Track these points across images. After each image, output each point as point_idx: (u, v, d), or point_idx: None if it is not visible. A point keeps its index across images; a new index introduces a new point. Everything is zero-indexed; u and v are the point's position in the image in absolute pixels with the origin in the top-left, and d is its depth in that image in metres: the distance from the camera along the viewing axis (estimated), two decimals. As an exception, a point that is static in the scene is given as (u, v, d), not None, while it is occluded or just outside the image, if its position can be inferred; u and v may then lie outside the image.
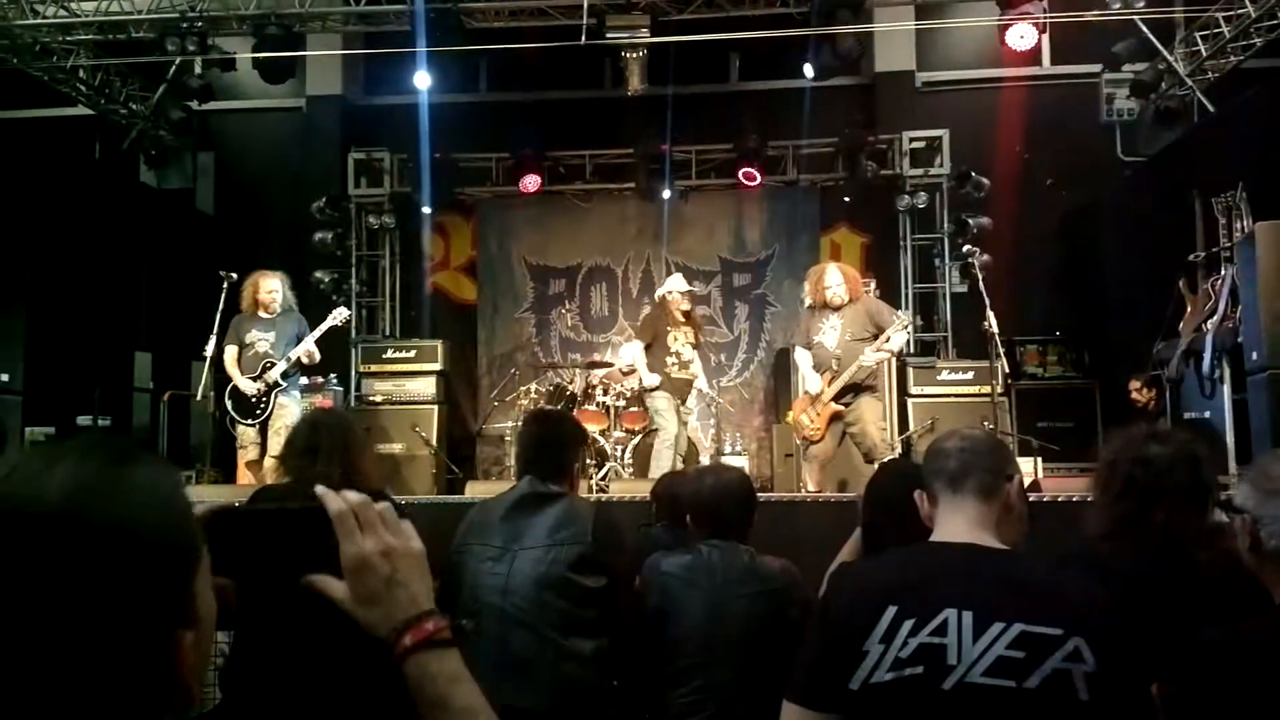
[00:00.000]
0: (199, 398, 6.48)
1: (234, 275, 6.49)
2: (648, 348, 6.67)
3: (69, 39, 8.16)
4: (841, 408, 5.85)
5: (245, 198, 9.35)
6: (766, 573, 2.74)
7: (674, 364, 6.57)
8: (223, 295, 6.40)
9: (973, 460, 1.79)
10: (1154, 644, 1.70)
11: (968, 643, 1.56)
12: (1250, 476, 1.77)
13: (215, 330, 6.37)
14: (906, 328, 5.97)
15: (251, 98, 9.26)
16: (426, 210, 8.95)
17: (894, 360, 7.33)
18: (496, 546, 2.69)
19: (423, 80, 7.88)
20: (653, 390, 6.58)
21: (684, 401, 6.70)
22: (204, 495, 4.98)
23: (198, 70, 8.76)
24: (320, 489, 0.97)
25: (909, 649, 1.57)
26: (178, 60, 8.36)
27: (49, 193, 9.03)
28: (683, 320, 6.67)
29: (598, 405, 7.48)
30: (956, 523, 1.75)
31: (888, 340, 5.78)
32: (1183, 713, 1.64)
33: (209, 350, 6.32)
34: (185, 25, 7.75)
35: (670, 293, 6.77)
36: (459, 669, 0.95)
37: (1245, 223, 6.82)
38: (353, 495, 0.96)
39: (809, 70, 7.61)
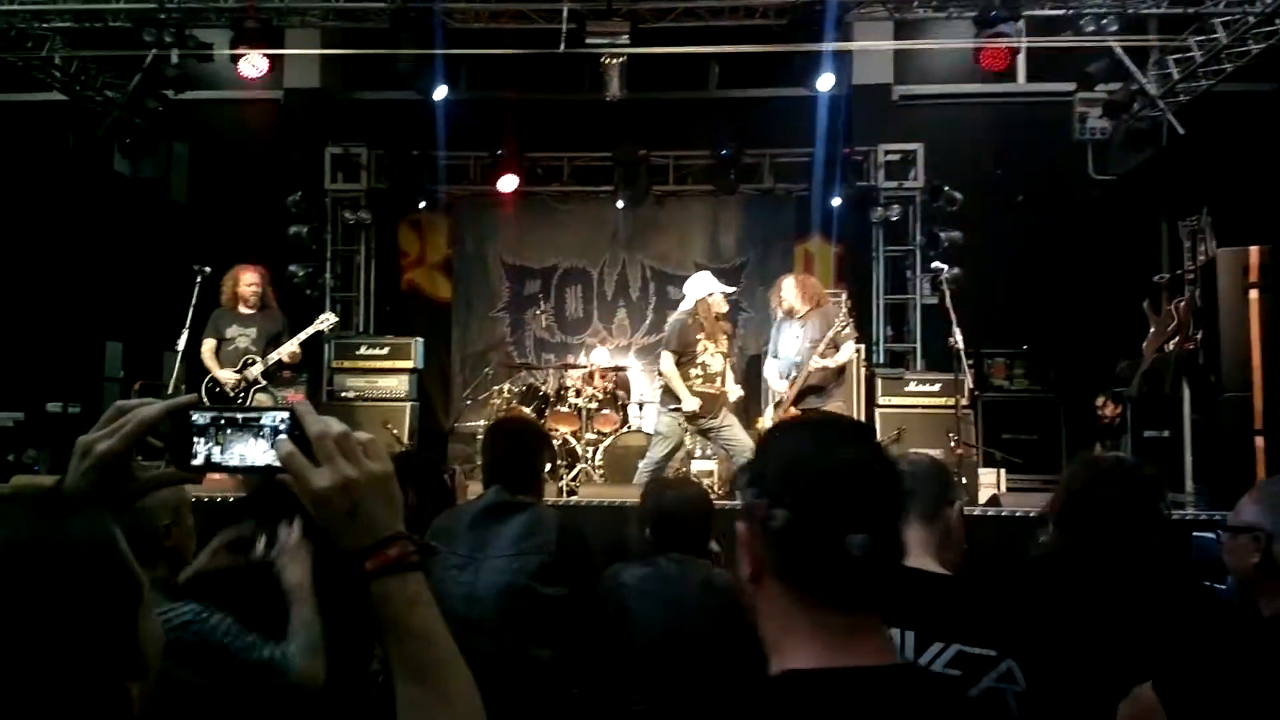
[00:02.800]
0: (170, 390, 6.49)
1: (207, 269, 6.50)
2: (677, 360, 5.99)
3: (45, 26, 8.11)
4: (800, 413, 5.97)
5: (220, 189, 9.32)
6: (723, 585, 2.77)
7: (699, 377, 5.97)
8: (196, 288, 6.40)
9: (918, 485, 1.88)
10: (1098, 662, 1.83)
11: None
12: (1265, 499, 1.88)
13: (189, 324, 6.36)
14: (849, 330, 6.06)
15: (229, 88, 9.24)
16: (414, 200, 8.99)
17: (862, 370, 7.50)
18: (462, 555, 2.77)
19: (440, 93, 7.89)
20: (674, 409, 5.97)
21: (713, 416, 5.99)
22: (199, 491, 5.02)
23: (174, 59, 8.74)
24: (302, 406, 1.01)
25: None
26: (154, 49, 8.34)
27: (21, 178, 9.04)
28: (716, 328, 6.07)
29: (570, 407, 7.58)
30: None
31: (837, 350, 5.92)
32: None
33: (182, 343, 6.33)
34: (163, 16, 7.74)
35: (711, 294, 6.05)
36: (419, 592, 0.97)
37: (1209, 246, 7.05)
38: (335, 424, 0.98)
39: (825, 82, 7.58)
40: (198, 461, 1.07)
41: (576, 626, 2.78)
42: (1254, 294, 6.01)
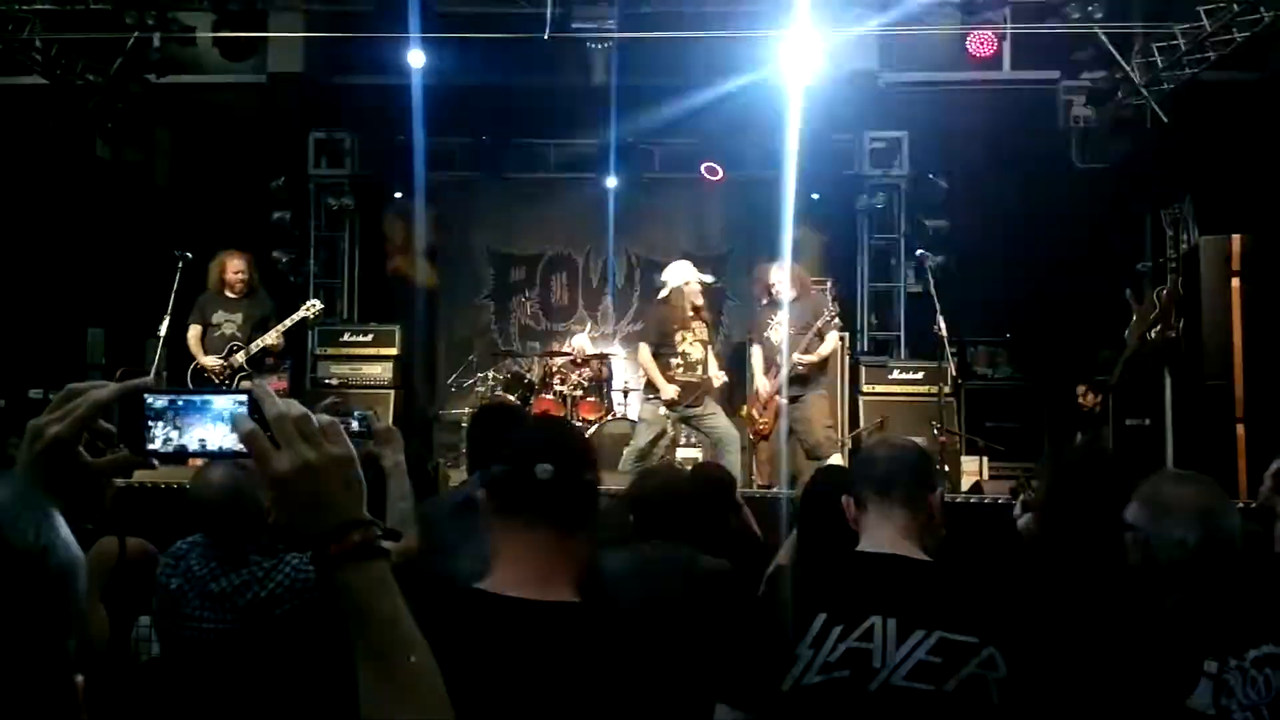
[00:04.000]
0: (152, 377, 6.46)
1: (189, 254, 6.51)
2: (655, 349, 6.08)
3: (24, 8, 8.07)
4: (785, 401, 6.03)
5: (203, 174, 9.35)
6: (707, 570, 2.81)
7: (680, 366, 6.03)
8: (177, 274, 6.40)
9: (900, 470, 1.92)
10: (1075, 648, 1.88)
11: (891, 648, 1.70)
12: (1141, 497, 1.94)
13: (170, 310, 6.37)
14: (834, 320, 6.16)
15: (212, 72, 9.21)
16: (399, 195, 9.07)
17: (846, 358, 7.56)
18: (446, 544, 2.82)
19: (416, 59, 7.90)
20: (652, 398, 6.09)
21: (696, 404, 6.07)
22: (156, 477, 4.97)
23: (156, 43, 8.72)
24: (257, 386, 1.00)
25: (837, 653, 1.71)
26: (136, 33, 8.32)
27: (2, 163, 8.99)
28: (693, 315, 6.15)
29: (555, 395, 7.66)
30: (883, 531, 1.88)
31: (822, 340, 6.01)
32: (1084, 709, 1.82)
33: (163, 330, 6.35)
34: None
35: (687, 283, 6.13)
36: (382, 577, 0.96)
37: (1192, 234, 7.11)
38: (295, 406, 0.97)
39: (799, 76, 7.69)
40: (154, 446, 1.05)
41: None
42: (1235, 282, 6.09)
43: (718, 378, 6.21)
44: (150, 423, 1.05)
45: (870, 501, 1.91)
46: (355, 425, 2.34)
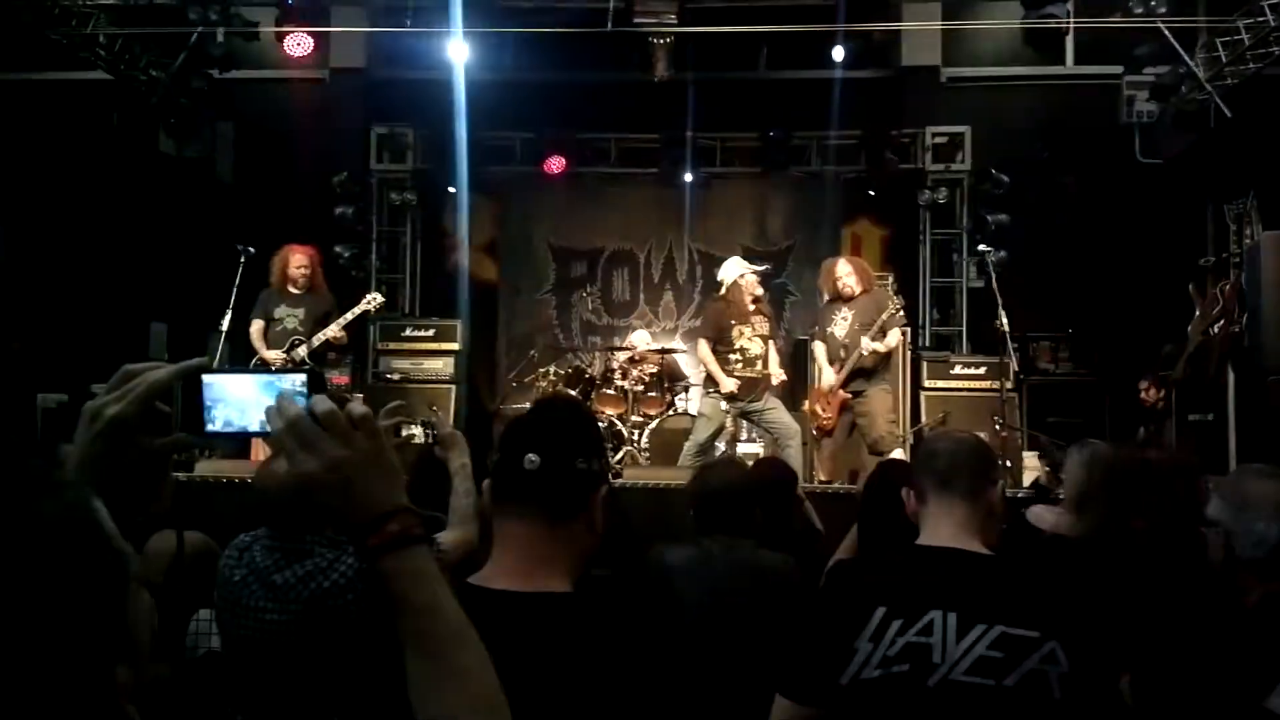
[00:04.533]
0: (211, 360, 6.83)
1: (251, 249, 6.73)
2: (713, 346, 6.36)
3: (88, 3, 8.35)
4: (849, 396, 6.29)
5: (266, 169, 9.67)
6: (769, 566, 2.83)
7: (738, 361, 6.29)
8: (240, 269, 6.63)
9: (962, 463, 1.96)
10: (1126, 643, 1.95)
11: (951, 643, 1.73)
12: (1223, 492, 2.04)
13: (232, 304, 6.57)
14: (899, 315, 6.39)
15: (274, 67, 9.59)
16: (453, 190, 9.34)
17: (908, 353, 7.86)
18: None
19: (459, 51, 8.21)
20: (711, 392, 6.35)
21: (755, 399, 6.30)
22: (219, 470, 5.28)
23: (220, 38, 9.04)
24: (317, 399, 1.01)
25: (896, 647, 1.75)
26: (199, 28, 8.57)
27: (66, 158, 9.36)
28: (752, 310, 6.37)
29: (616, 389, 7.87)
30: (944, 524, 1.92)
31: (884, 335, 6.24)
32: (1149, 705, 1.91)
33: (226, 324, 6.58)
34: None
35: (743, 276, 6.38)
36: (423, 566, 0.98)
37: (1255, 229, 7.36)
38: (322, 403, 1.00)
39: (838, 54, 8.03)
40: (213, 427, 1.07)
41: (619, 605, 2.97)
42: None
43: (777, 375, 6.42)
44: (209, 403, 1.06)
45: (931, 494, 1.95)
46: (418, 431, 2.72)
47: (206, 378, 1.05)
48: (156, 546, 2.68)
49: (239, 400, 1.06)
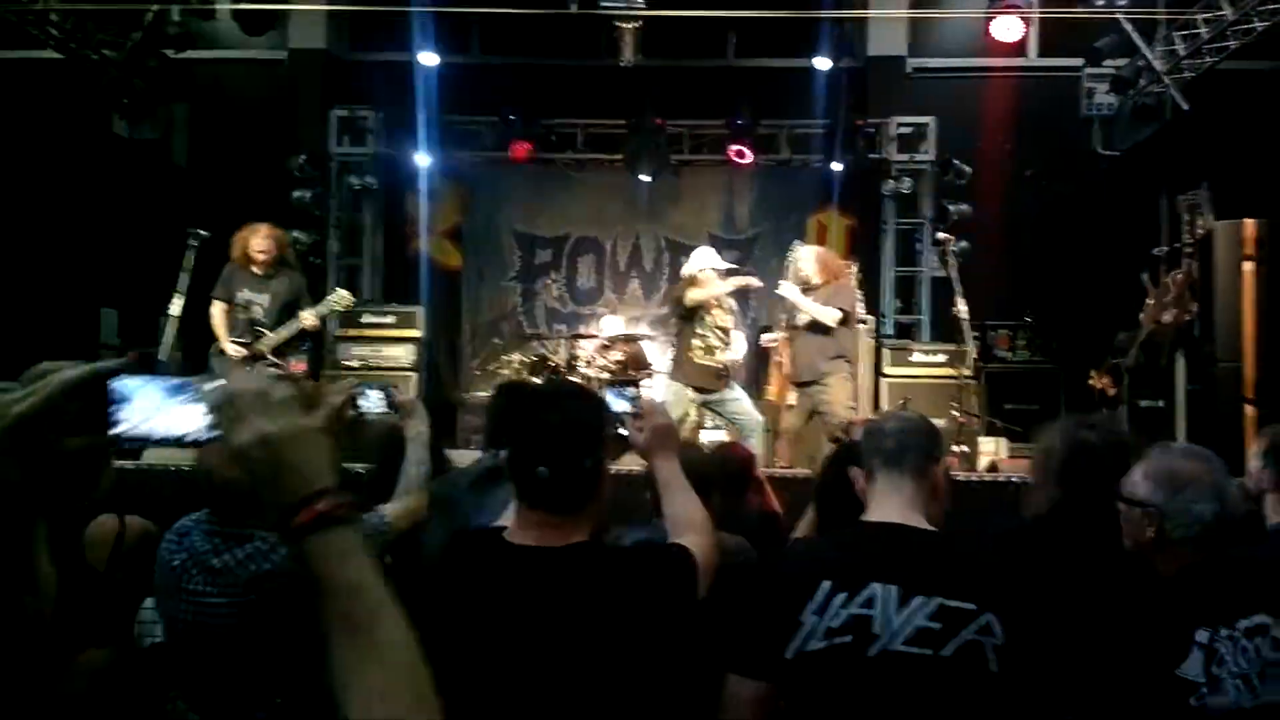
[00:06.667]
0: (163, 358, 6.81)
1: (203, 232, 6.80)
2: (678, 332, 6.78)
3: None
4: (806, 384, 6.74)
5: (221, 151, 9.92)
6: (722, 549, 3.08)
7: (700, 349, 6.66)
8: (192, 254, 6.73)
9: (909, 441, 2.14)
10: (1074, 620, 2.10)
11: (892, 614, 1.90)
12: (1151, 474, 2.15)
13: (185, 290, 6.68)
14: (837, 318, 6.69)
15: (231, 48, 9.81)
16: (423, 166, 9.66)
17: (870, 341, 8.40)
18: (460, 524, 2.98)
19: (429, 59, 8.71)
20: (676, 378, 6.76)
21: (717, 389, 6.71)
22: (169, 458, 5.34)
23: (176, 17, 9.25)
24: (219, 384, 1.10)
25: (840, 619, 1.91)
26: (155, 6, 8.74)
27: (16, 139, 9.48)
28: (715, 302, 6.72)
29: (581, 378, 8.17)
30: (890, 501, 2.10)
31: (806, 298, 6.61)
32: (1078, 676, 2.05)
33: (174, 309, 6.69)
34: None
35: (703, 270, 6.77)
36: (349, 545, 1.02)
37: (1208, 220, 7.95)
38: (257, 380, 1.08)
39: (822, 63, 8.57)
40: (119, 430, 1.10)
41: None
42: (1248, 266, 6.73)
43: (732, 354, 6.83)
44: (118, 405, 1.10)
45: (879, 472, 2.13)
46: (375, 400, 2.82)
47: (119, 378, 1.10)
48: (96, 532, 2.79)
49: (146, 405, 1.12)
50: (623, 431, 2.33)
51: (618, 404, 2.35)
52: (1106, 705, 2.03)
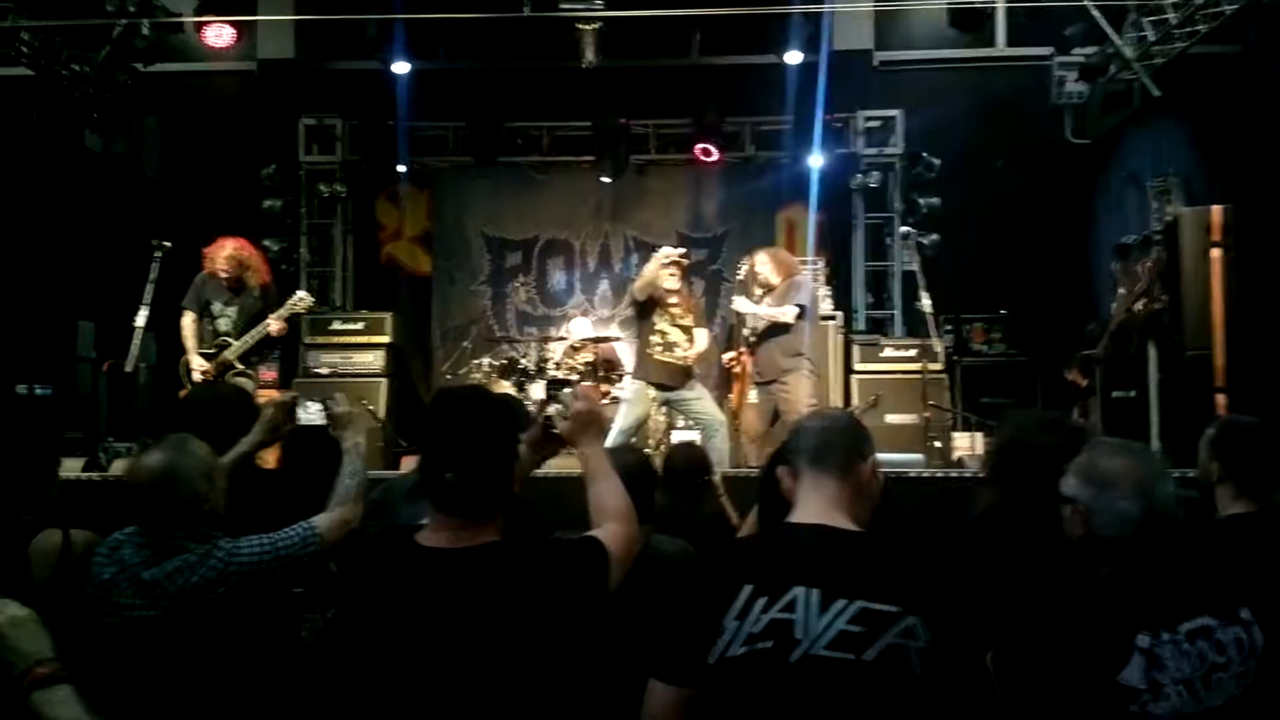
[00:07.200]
0: (129, 369, 6.93)
1: (167, 243, 6.88)
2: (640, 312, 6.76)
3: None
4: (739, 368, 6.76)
5: (192, 163, 10.04)
6: (661, 552, 2.97)
7: (659, 346, 6.67)
8: (156, 265, 6.81)
9: (832, 440, 2.12)
10: (992, 619, 2.10)
11: (813, 618, 1.87)
12: (1080, 470, 2.14)
13: (149, 300, 6.74)
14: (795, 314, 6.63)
15: (200, 60, 9.95)
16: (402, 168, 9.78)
17: (839, 337, 8.37)
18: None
19: (401, 67, 8.91)
20: (638, 377, 6.75)
21: (678, 387, 6.72)
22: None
23: (145, 30, 9.37)
24: None
25: (761, 624, 1.88)
26: (123, 20, 8.80)
27: None
28: (670, 298, 6.68)
29: (549, 380, 8.29)
30: (814, 501, 2.07)
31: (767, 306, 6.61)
32: (1008, 680, 2.04)
33: (140, 320, 6.77)
34: None
35: (652, 259, 6.69)
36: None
37: (1177, 207, 7.89)
38: None
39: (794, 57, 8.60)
40: None
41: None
42: (1215, 253, 6.65)
43: (699, 354, 6.82)
44: None
45: (803, 472, 2.10)
46: (314, 411, 2.98)
47: None
48: (41, 545, 2.83)
49: None
50: (554, 430, 2.42)
51: (551, 408, 2.43)
52: (1045, 712, 1.99)
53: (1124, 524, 2.03)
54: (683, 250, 6.81)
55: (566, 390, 2.42)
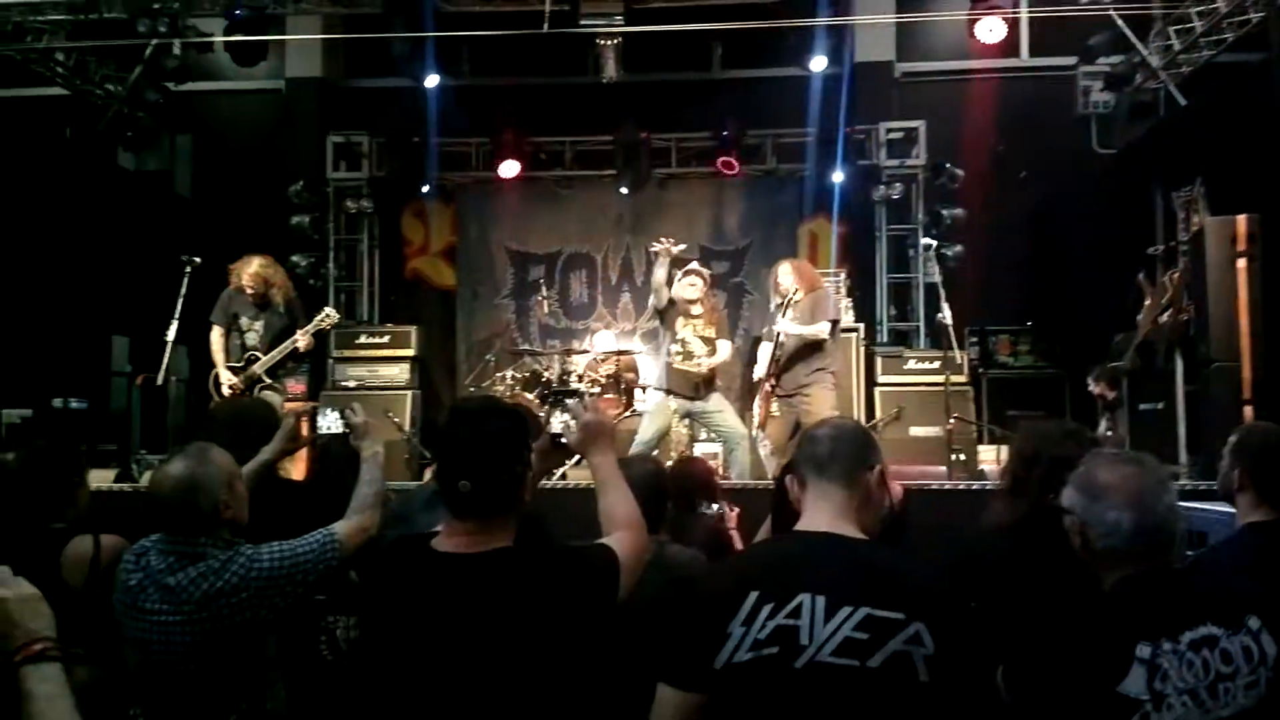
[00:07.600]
0: (159, 382, 7.07)
1: (196, 259, 7.01)
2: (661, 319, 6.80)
3: (41, 20, 8.85)
4: (777, 389, 6.72)
5: (223, 180, 10.32)
6: (674, 562, 3.01)
7: (678, 355, 6.71)
8: (185, 279, 6.94)
9: (839, 448, 2.13)
10: (1011, 631, 2.09)
11: (819, 625, 1.88)
12: (1076, 480, 2.14)
13: (178, 315, 6.87)
14: (828, 330, 6.71)
15: (230, 79, 10.23)
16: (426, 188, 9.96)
17: (862, 349, 8.38)
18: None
19: (431, 81, 9.06)
20: (660, 389, 6.77)
21: (698, 398, 6.72)
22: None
23: (175, 51, 9.57)
24: None
25: (766, 631, 1.90)
26: (154, 41, 8.98)
27: (25, 174, 9.92)
28: (693, 311, 6.75)
29: (572, 392, 8.36)
30: (820, 509, 2.09)
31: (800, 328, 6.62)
32: (1020, 694, 2.03)
33: (170, 335, 6.91)
34: (157, 6, 8.49)
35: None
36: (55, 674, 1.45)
37: (1203, 217, 7.82)
38: None
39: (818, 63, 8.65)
40: None
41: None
42: (1241, 263, 6.56)
43: (724, 362, 6.86)
44: None
45: (811, 479, 2.12)
46: (333, 420, 3.10)
47: None
48: (73, 552, 2.95)
49: None
50: (563, 440, 2.47)
51: (558, 418, 2.53)
52: None
53: (1114, 534, 2.02)
54: (671, 240, 6.68)
55: (574, 400, 2.54)
